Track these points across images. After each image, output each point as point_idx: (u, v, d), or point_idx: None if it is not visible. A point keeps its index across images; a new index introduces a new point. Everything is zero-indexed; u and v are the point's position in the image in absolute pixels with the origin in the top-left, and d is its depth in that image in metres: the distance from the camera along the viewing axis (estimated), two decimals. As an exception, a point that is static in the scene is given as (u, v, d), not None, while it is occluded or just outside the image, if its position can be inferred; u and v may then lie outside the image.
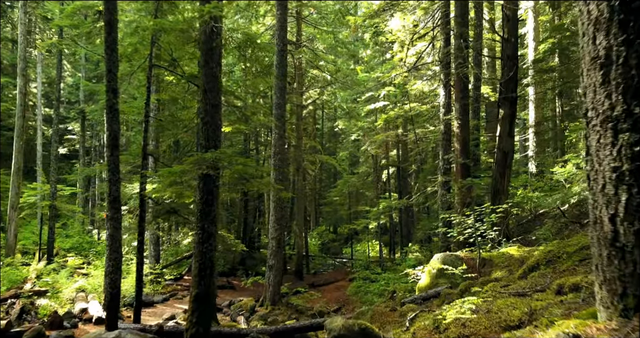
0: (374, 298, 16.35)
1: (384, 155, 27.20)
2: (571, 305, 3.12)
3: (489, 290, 5.25)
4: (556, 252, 5.72)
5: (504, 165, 12.57)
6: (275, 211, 14.74)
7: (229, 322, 11.92)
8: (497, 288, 5.16)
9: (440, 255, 9.06)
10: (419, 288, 9.18)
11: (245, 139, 28.43)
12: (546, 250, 5.92)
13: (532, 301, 3.62)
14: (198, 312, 6.85)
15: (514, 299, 3.92)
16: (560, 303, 3.30)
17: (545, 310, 3.17)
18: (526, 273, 5.84)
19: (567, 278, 3.74)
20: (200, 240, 7.05)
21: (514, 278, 6.48)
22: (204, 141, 7.16)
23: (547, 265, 5.61)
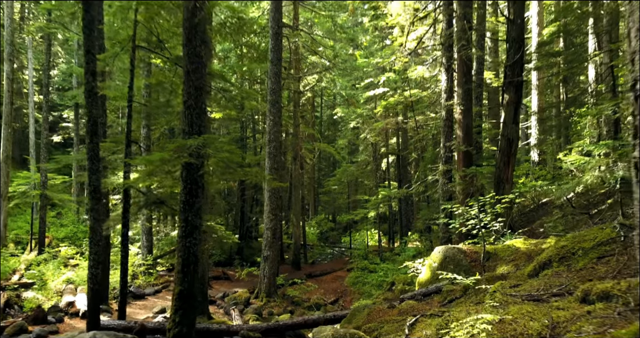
0: (372, 290, 15.95)
1: (384, 143, 26.62)
2: (604, 319, 2.61)
3: (497, 290, 4.75)
4: (570, 248, 5.20)
5: (508, 153, 12.03)
6: (270, 200, 14.23)
7: (219, 319, 11.47)
8: (506, 289, 4.65)
9: (441, 247, 8.56)
10: (419, 283, 8.70)
11: (242, 126, 27.85)
12: (559, 245, 5.40)
13: (552, 310, 3.12)
14: (182, 311, 6.37)
15: (530, 306, 3.42)
16: (588, 314, 2.80)
17: (570, 323, 2.67)
18: (537, 270, 5.33)
19: (594, 283, 3.24)
20: (184, 234, 6.54)
21: (522, 275, 5.98)
22: (187, 126, 6.61)
23: (561, 262, 5.10)
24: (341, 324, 7.39)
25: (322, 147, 24.46)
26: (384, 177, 28.98)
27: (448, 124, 13.33)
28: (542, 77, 23.01)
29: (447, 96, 13.25)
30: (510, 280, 5.64)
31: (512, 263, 7.27)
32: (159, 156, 6.32)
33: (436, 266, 8.36)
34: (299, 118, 22.03)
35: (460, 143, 12.42)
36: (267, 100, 14.48)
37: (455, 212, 9.19)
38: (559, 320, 2.83)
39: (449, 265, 8.16)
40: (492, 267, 7.64)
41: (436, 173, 13.49)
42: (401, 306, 7.14)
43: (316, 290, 16.59)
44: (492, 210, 8.40)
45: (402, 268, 11.41)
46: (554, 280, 4.46)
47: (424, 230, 20.81)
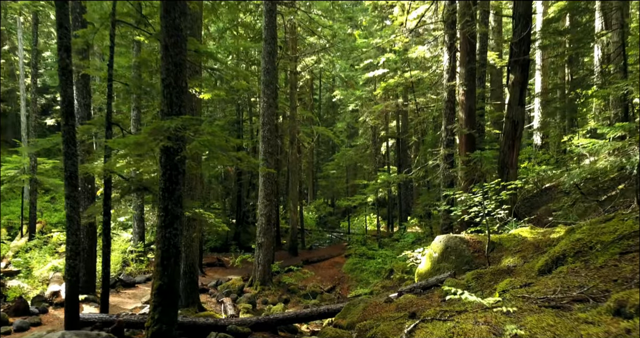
0: (370, 277, 15.55)
1: (383, 126, 26.00)
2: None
3: (507, 289, 4.23)
4: (587, 241, 4.68)
5: (513, 136, 11.45)
6: (264, 186, 13.70)
7: (210, 309, 11.04)
8: (517, 289, 4.13)
9: (442, 237, 8.05)
10: (419, 274, 8.22)
11: (238, 109, 27.19)
12: (573, 238, 4.87)
13: (579, 323, 2.61)
14: (161, 307, 5.88)
15: (549, 315, 2.91)
16: (628, 334, 2.29)
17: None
18: (549, 266, 4.81)
19: (630, 292, 2.72)
20: (163, 224, 6.01)
21: (532, 269, 5.47)
22: (166, 107, 6.02)
23: (577, 258, 4.58)
24: (335, 319, 6.93)
25: (320, 130, 23.82)
26: (384, 161, 28.42)
27: (450, 106, 12.72)
28: (546, 57, 22.29)
29: (449, 76, 12.61)
30: (519, 277, 5.12)
31: (518, 255, 6.76)
32: (133, 139, 5.76)
33: (437, 257, 7.87)
34: (296, 100, 21.37)
35: (462, 125, 11.83)
36: (261, 81, 13.83)
37: (458, 199, 8.66)
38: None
39: (451, 256, 7.66)
40: (497, 258, 7.14)
41: (437, 158, 12.94)
42: (399, 300, 6.66)
43: (313, 277, 16.18)
44: (497, 197, 7.88)
45: (401, 256, 10.92)
46: (571, 279, 3.94)
47: (424, 215, 20.34)
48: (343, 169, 28.86)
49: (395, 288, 13.24)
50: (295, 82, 21.51)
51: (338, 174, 29.08)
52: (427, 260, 8.09)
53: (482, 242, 7.70)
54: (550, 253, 5.02)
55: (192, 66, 10.33)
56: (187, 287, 10.67)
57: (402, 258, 10.09)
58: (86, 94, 11.50)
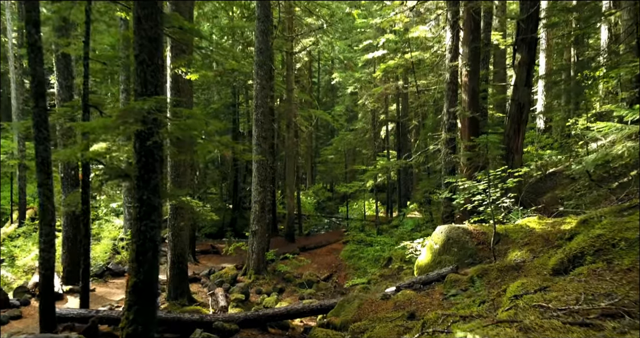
0: (367, 265, 15.12)
1: (383, 110, 25.33)
2: None
3: (518, 294, 3.70)
4: (609, 237, 4.14)
5: (518, 120, 10.88)
6: (258, 172, 13.14)
7: (201, 299, 10.58)
8: (531, 294, 3.61)
9: (444, 227, 7.53)
10: (418, 267, 7.72)
11: (233, 92, 26.47)
12: (593, 233, 4.33)
13: (621, 354, 2.11)
14: (137, 307, 5.38)
15: (578, 337, 2.40)
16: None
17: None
18: (565, 265, 4.28)
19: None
20: (139, 216, 5.47)
21: (544, 267, 4.94)
22: (140, 86, 5.43)
23: (597, 257, 4.05)
24: (328, 316, 6.44)
25: (318, 114, 23.18)
26: (383, 146, 27.80)
27: (452, 87, 12.08)
28: (551, 37, 21.52)
29: (452, 56, 11.95)
30: (531, 276, 4.60)
31: (526, 248, 6.24)
32: (101, 122, 5.17)
33: (438, 249, 7.36)
34: (292, 82, 20.67)
35: (465, 108, 11.22)
36: (254, 61, 13.17)
37: (460, 187, 8.12)
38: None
39: (453, 248, 7.15)
40: (503, 252, 6.62)
41: (438, 142, 12.36)
42: (397, 297, 6.17)
43: (309, 265, 15.74)
44: (503, 185, 7.35)
45: (399, 248, 10.43)
46: (594, 284, 3.41)
47: (424, 201, 19.84)
48: (342, 154, 28.28)
49: (394, 278, 12.81)
50: (292, 64, 20.79)
51: (337, 159, 28.50)
52: (428, 252, 7.58)
53: (487, 233, 7.19)
54: (565, 249, 4.49)
55: (178, 44, 9.69)
56: (175, 278, 10.21)
57: (401, 248, 9.60)
58: (68, 75, 10.88)
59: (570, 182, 12.69)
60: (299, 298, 12.30)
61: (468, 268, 6.68)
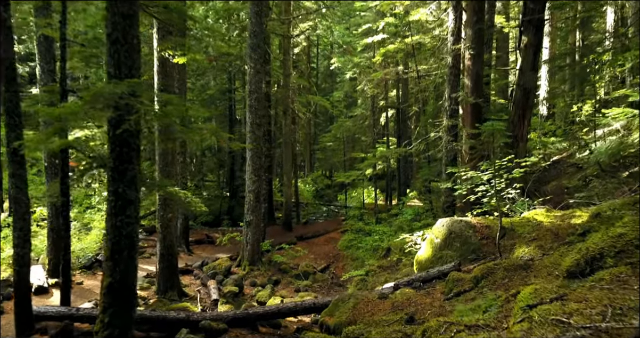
0: (366, 256, 14.74)
1: (383, 96, 24.72)
2: None
3: (533, 301, 3.26)
4: (632, 238, 3.69)
5: (524, 106, 10.37)
6: (252, 160, 12.67)
7: (192, 292, 10.19)
8: (546, 303, 3.16)
9: (445, 220, 7.09)
10: (418, 262, 7.30)
11: (229, 78, 25.84)
12: (613, 232, 3.88)
13: None
14: (113, 309, 4.95)
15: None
16: None
17: None
18: (582, 267, 3.83)
19: None
20: (114, 211, 5.01)
21: (555, 265, 4.51)
22: (113, 68, 4.93)
23: (619, 259, 3.60)
24: (322, 316, 6.03)
25: (316, 100, 22.61)
26: (383, 132, 27.27)
27: (454, 72, 11.54)
28: (555, 21, 20.87)
29: (455, 39, 11.39)
30: (542, 278, 4.17)
31: (534, 244, 5.80)
32: (67, 108, 4.68)
33: (439, 243, 6.93)
34: (289, 67, 20.07)
35: (468, 94, 10.71)
36: (248, 44, 12.61)
37: (463, 177, 7.66)
38: None
39: (455, 243, 6.72)
40: (509, 247, 6.19)
41: (439, 129, 11.87)
42: (395, 296, 5.75)
43: (306, 255, 15.37)
44: (508, 175, 6.89)
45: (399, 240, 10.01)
46: (620, 294, 2.97)
47: (424, 190, 19.41)
48: (340, 141, 27.75)
49: (393, 269, 12.43)
50: (289, 48, 20.16)
51: (335, 147, 27.97)
52: (428, 246, 7.15)
53: (491, 227, 6.74)
54: (581, 249, 4.03)
55: (165, 26, 9.13)
56: (165, 271, 9.82)
57: (400, 240, 9.18)
58: (50, 59, 10.32)
59: (576, 171, 12.23)
60: (295, 291, 11.94)
61: (471, 265, 6.26)
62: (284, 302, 8.79)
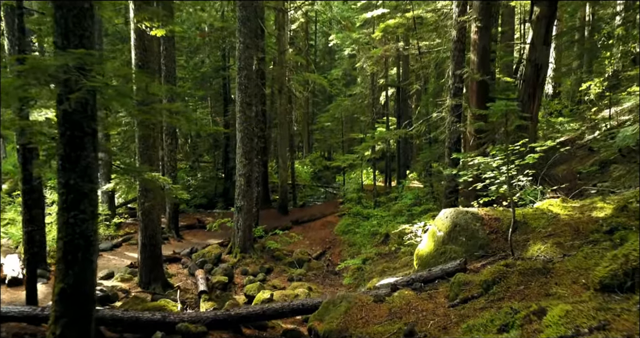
0: (363, 241, 14.12)
1: (383, 74, 23.76)
2: None
3: (565, 331, 2.57)
4: (685, 245, 2.98)
5: (534, 83, 9.57)
6: (242, 142, 11.91)
7: (177, 282, 9.56)
8: (585, 334, 2.47)
9: (450, 211, 6.38)
10: (419, 256, 6.62)
11: (223, 55, 24.83)
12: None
13: None
14: (66, 320, 4.27)
15: None
16: None
17: None
18: (620, 279, 3.14)
19: None
20: (65, 205, 4.30)
21: (580, 270, 3.83)
22: (60, 37, 4.14)
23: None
24: (311, 319, 5.38)
25: (313, 78, 21.70)
26: (382, 112, 26.40)
27: (459, 47, 10.65)
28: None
29: (460, 11, 10.47)
30: (571, 293, 3.47)
31: (551, 241, 5.11)
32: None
33: (442, 237, 6.24)
34: (285, 43, 19.11)
35: (474, 70, 9.88)
36: (237, 17, 11.70)
37: (470, 163, 6.92)
38: None
39: (460, 237, 6.03)
40: (522, 244, 5.49)
41: (442, 109, 11.07)
42: (393, 299, 5.09)
43: (301, 241, 14.76)
44: (520, 161, 6.15)
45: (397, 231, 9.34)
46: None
47: (425, 173, 18.69)
48: (339, 121, 26.89)
49: (391, 257, 11.80)
50: (284, 23, 19.16)
51: (333, 127, 27.13)
52: (430, 240, 6.47)
53: (501, 220, 6.04)
54: (617, 256, 3.33)
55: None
56: (147, 261, 9.18)
57: (399, 232, 8.48)
58: (19, 33, 9.44)
59: (587, 154, 11.49)
60: (288, 280, 11.35)
61: (479, 263, 5.59)
62: (273, 296, 8.17)
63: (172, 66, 13.91)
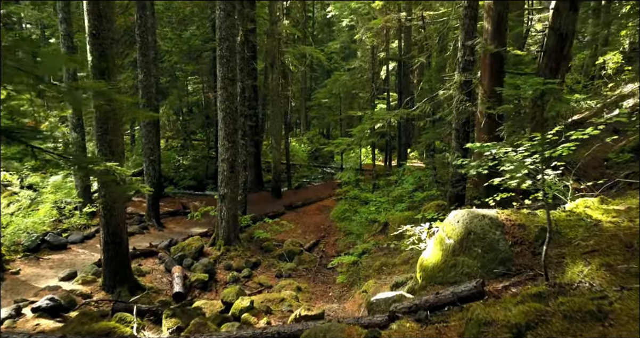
0: (361, 229, 13.02)
1: (383, 47, 22.23)
2: None
3: None
4: None
5: (558, 56, 8.23)
6: (224, 122, 10.64)
7: (150, 284, 8.42)
8: None
9: (461, 213, 5.17)
10: (424, 268, 5.44)
11: (213, 25, 23.17)
12: None
13: None
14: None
15: None
16: None
17: None
18: None
19: None
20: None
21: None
22: None
23: None
24: (287, 354, 4.24)
25: (308, 51, 20.21)
26: (383, 88, 24.96)
27: (470, 13, 9.23)
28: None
29: (472, -29, 9.04)
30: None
31: (597, 260, 3.91)
32: None
33: (452, 245, 5.05)
34: (276, 13, 17.59)
35: (487, 40, 8.51)
36: (216, -20, 10.27)
37: (486, 153, 5.68)
38: None
39: (475, 248, 4.85)
40: (555, 261, 4.30)
41: (449, 86, 9.74)
42: (390, 335, 3.94)
43: (293, 229, 13.65)
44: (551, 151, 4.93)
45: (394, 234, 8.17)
46: None
47: (427, 154, 17.45)
48: (337, 98, 25.46)
49: (391, 250, 10.67)
50: (276, -9, 17.58)
51: (331, 103, 25.71)
52: (437, 248, 5.29)
53: (526, 227, 4.84)
54: None
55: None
56: (111, 262, 8.05)
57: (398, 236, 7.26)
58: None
59: (609, 135, 10.19)
60: (276, 276, 10.30)
61: (499, 283, 4.42)
62: (254, 303, 7.06)
63: (148, 37, 12.49)
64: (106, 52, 7.49)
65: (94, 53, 7.44)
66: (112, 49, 7.59)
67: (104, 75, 7.49)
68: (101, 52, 7.43)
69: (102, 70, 7.46)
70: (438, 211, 9.67)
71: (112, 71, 7.64)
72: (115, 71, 7.76)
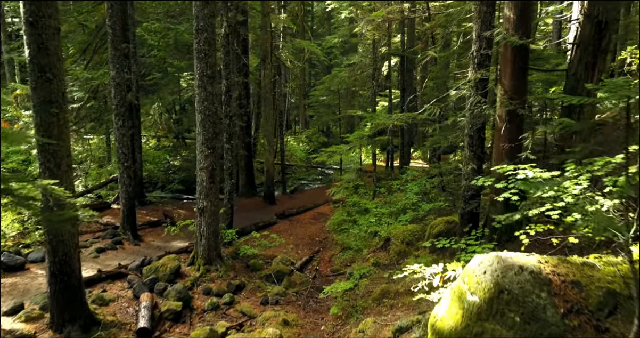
0: (359, 244, 11.70)
1: (385, 41, 20.82)
2: None
3: None
4: None
5: (594, 49, 6.88)
6: (203, 126, 9.30)
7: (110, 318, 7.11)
8: None
9: (488, 260, 3.82)
10: (437, 331, 4.09)
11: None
12: None
13: None
14: None
15: None
16: None
17: None
18: None
19: None
20: None
21: None
22: None
23: None
24: None
25: (304, 45, 18.85)
26: (385, 84, 23.58)
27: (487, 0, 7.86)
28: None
29: (490, -51, 7.65)
30: None
31: None
32: None
33: (477, 305, 3.71)
34: (270, 4, 16.22)
35: (509, 30, 7.13)
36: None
37: (519, 176, 4.34)
38: None
39: (510, 314, 3.50)
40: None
41: (462, 85, 8.38)
42: None
43: (284, 244, 12.31)
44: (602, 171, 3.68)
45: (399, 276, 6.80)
46: None
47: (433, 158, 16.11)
48: (335, 95, 24.08)
49: (393, 268, 9.36)
50: (268, -21, 16.20)
51: (329, 101, 24.32)
52: (455, 305, 3.94)
53: (583, 286, 3.49)
54: None
55: None
56: (58, 296, 6.74)
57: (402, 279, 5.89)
58: None
59: None
60: (261, 303, 8.99)
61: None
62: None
63: (120, 28, 11.14)
64: (47, 44, 6.16)
65: (31, 45, 6.12)
66: (56, 41, 6.26)
67: (45, 72, 6.16)
68: (40, 44, 6.11)
69: (42, 66, 6.13)
70: (448, 231, 8.34)
71: (57, 67, 6.31)
72: (61, 68, 6.42)
